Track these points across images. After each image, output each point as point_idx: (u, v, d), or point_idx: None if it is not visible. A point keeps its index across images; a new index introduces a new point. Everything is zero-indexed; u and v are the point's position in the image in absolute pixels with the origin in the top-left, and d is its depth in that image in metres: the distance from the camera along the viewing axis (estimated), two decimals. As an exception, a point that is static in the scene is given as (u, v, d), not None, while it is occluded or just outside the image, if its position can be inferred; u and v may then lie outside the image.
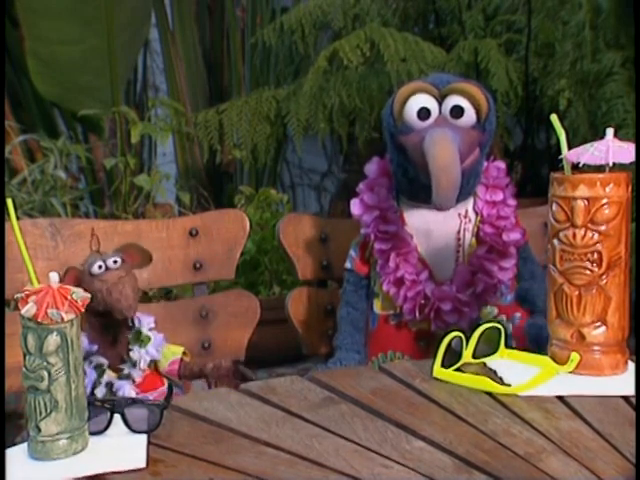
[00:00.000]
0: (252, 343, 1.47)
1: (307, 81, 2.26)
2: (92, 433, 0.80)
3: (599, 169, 0.91)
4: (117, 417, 0.81)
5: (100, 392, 1.19)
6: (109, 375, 1.21)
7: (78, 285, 1.15)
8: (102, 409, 0.82)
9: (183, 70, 3.19)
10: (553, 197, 0.94)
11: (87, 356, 1.20)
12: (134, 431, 0.81)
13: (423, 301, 1.23)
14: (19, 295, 0.75)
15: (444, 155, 1.12)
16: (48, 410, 0.75)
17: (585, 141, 0.94)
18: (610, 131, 0.93)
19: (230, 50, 3.31)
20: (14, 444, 0.80)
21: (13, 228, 0.78)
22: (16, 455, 0.78)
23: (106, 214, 2.78)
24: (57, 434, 0.76)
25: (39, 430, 0.76)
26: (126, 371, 1.21)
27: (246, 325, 1.46)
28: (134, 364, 1.21)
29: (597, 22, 2.07)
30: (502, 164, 1.30)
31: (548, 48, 2.28)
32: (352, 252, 1.33)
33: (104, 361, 1.20)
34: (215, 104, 2.73)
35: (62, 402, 0.75)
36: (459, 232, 1.25)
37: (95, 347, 1.20)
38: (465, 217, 1.25)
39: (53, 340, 0.74)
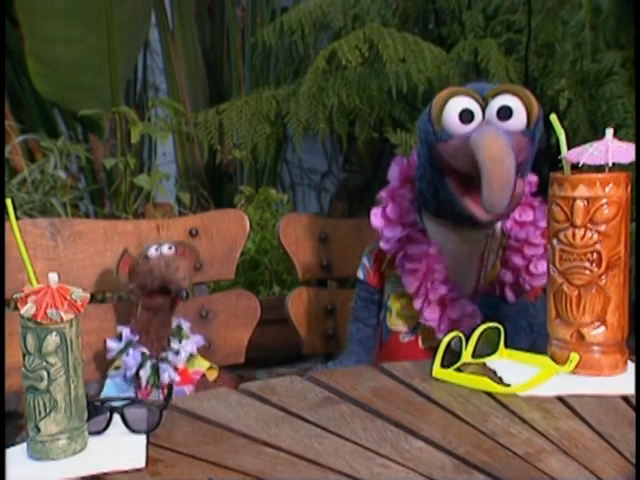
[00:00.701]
0: (252, 343, 1.47)
1: (305, 81, 2.26)
2: (91, 433, 0.80)
3: (599, 169, 0.91)
4: (116, 417, 0.81)
5: (145, 373, 1.26)
6: (153, 361, 1.31)
7: (131, 268, 1.24)
8: (101, 409, 0.82)
9: (183, 70, 3.19)
10: (553, 197, 0.94)
11: (129, 345, 1.30)
12: (133, 431, 0.81)
13: (455, 318, 1.16)
14: (18, 295, 0.75)
15: (497, 145, 1.00)
16: (47, 410, 0.75)
17: (585, 141, 0.94)
18: (610, 131, 0.92)
19: (230, 50, 3.30)
20: (14, 444, 0.80)
21: (13, 228, 0.78)
22: (16, 455, 0.78)
23: (106, 214, 2.78)
24: (56, 434, 0.76)
25: (38, 430, 0.76)
26: (170, 358, 1.30)
27: (246, 325, 1.47)
28: (177, 353, 1.31)
29: (597, 22, 2.07)
30: (534, 177, 1.20)
31: (548, 48, 2.28)
32: (365, 261, 1.27)
33: (145, 350, 1.30)
34: (215, 104, 2.73)
35: (61, 402, 0.75)
36: (484, 253, 1.18)
37: (137, 337, 1.25)
38: (492, 237, 1.18)
39: (52, 340, 0.74)
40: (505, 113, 1.06)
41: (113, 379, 1.30)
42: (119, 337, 1.30)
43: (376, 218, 1.20)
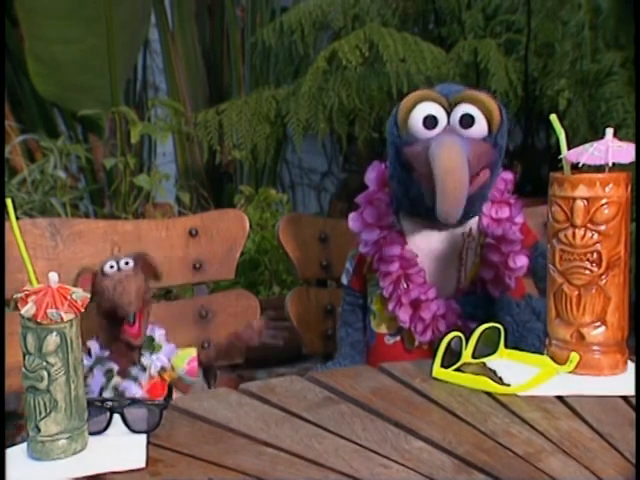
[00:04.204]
0: (252, 343, 1.47)
1: (306, 81, 2.26)
2: (92, 433, 0.80)
3: (599, 169, 0.91)
4: (117, 417, 0.81)
5: (108, 395, 1.20)
6: (117, 380, 1.22)
7: (92, 285, 1.19)
8: (102, 409, 0.82)
9: (183, 70, 3.19)
10: (553, 197, 0.94)
11: (98, 361, 1.22)
12: (134, 431, 0.81)
13: (427, 319, 1.16)
14: (18, 295, 0.75)
15: (451, 158, 1.04)
16: (48, 410, 0.75)
17: (585, 141, 0.94)
18: (610, 131, 0.93)
19: (230, 50, 3.31)
20: (14, 444, 0.80)
21: (13, 228, 0.78)
22: (16, 455, 0.78)
23: (106, 214, 2.78)
24: (57, 434, 0.76)
25: (39, 430, 0.76)
26: (134, 373, 1.22)
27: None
28: (144, 369, 1.23)
29: (597, 22, 2.07)
30: (509, 175, 1.22)
31: (548, 48, 2.28)
32: (348, 266, 1.27)
33: (114, 366, 1.22)
34: (215, 104, 2.74)
35: (61, 402, 0.75)
36: (462, 252, 1.18)
37: (107, 353, 1.22)
38: (469, 236, 1.18)
39: (52, 340, 0.74)
40: (467, 121, 1.10)
41: None
42: (89, 352, 1.23)
43: (354, 222, 1.21)
